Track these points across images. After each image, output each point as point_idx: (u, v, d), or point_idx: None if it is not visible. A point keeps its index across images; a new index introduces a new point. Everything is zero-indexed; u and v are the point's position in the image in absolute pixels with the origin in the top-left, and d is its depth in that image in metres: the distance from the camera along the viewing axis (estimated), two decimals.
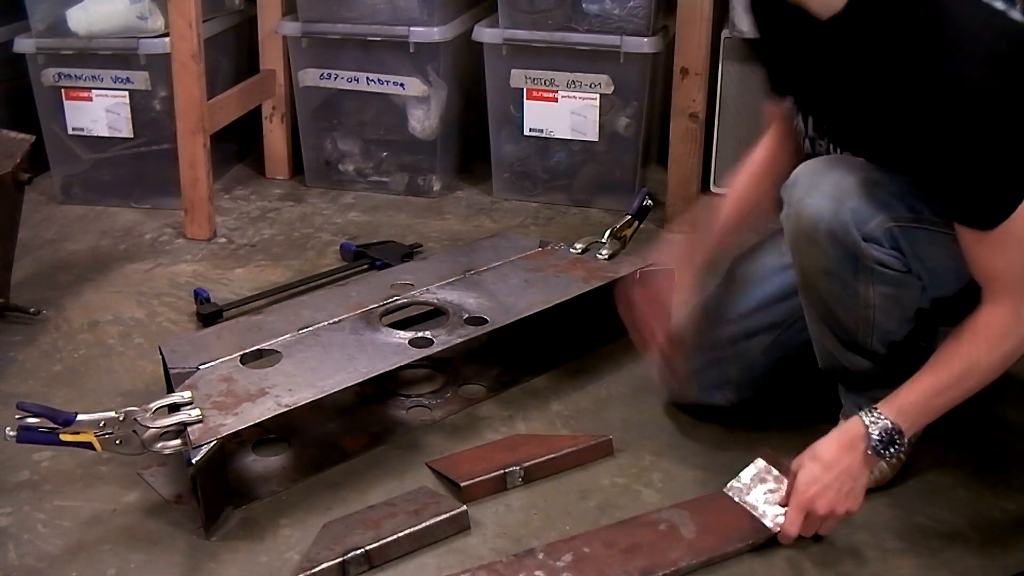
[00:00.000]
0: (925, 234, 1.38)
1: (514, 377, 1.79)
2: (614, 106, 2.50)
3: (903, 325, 1.45)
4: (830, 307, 1.47)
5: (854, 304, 1.43)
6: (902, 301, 1.42)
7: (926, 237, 1.38)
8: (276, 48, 2.74)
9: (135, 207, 2.62)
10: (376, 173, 2.72)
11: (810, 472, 1.36)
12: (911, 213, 1.37)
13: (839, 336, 1.49)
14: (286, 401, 1.46)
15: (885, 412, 1.35)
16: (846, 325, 1.46)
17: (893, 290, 1.40)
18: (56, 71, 2.54)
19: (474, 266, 1.87)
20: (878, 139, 1.39)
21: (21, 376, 1.83)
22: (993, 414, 1.68)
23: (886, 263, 1.38)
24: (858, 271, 1.39)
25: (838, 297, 1.44)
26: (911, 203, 1.37)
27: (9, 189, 1.93)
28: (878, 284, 1.40)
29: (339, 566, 1.32)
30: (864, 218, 1.36)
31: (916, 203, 1.37)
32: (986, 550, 1.38)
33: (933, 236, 1.38)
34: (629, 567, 1.32)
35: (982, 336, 1.34)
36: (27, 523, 1.45)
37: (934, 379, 1.36)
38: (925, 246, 1.39)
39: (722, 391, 1.65)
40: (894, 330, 1.45)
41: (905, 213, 1.37)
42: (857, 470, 1.35)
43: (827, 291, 1.45)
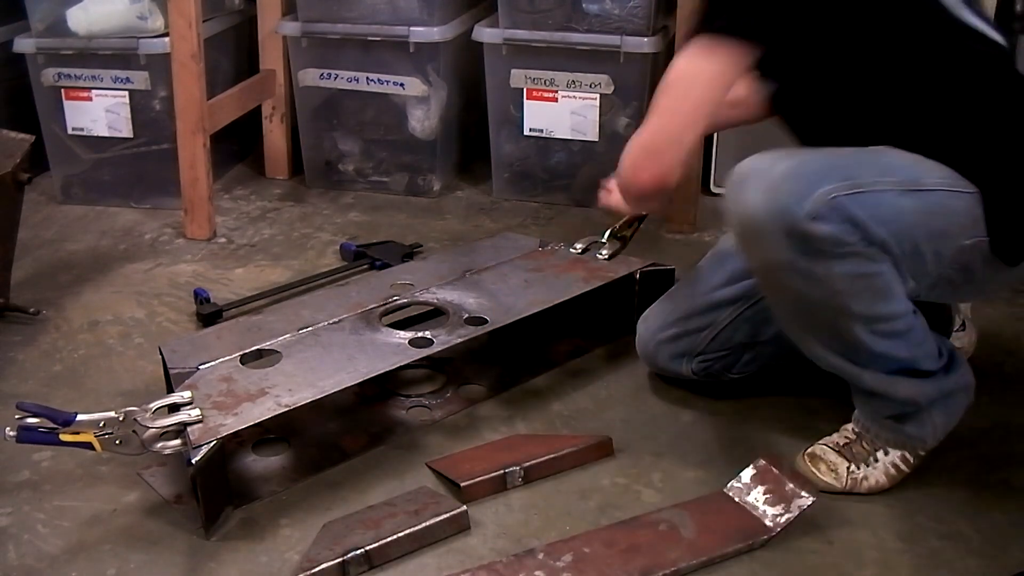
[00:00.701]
0: (871, 197, 1.34)
1: (514, 377, 1.79)
2: (614, 106, 2.50)
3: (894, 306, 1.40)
4: (801, 308, 1.43)
5: (821, 295, 1.38)
6: (873, 281, 1.37)
7: (873, 200, 1.34)
8: (276, 48, 2.74)
9: (135, 207, 2.62)
10: (376, 173, 2.72)
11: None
12: (848, 180, 1.33)
13: (827, 344, 1.45)
14: (286, 401, 1.46)
15: None
16: (824, 324, 1.42)
17: (857, 267, 1.35)
18: (56, 71, 2.54)
19: (474, 266, 1.87)
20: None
21: (21, 376, 1.83)
22: (993, 414, 1.68)
23: (838, 238, 1.32)
24: (812, 255, 1.34)
25: (803, 293, 1.39)
26: (845, 172, 1.34)
27: (9, 189, 1.93)
28: (837, 264, 1.34)
29: (339, 566, 1.32)
30: (802, 195, 1.32)
31: (851, 171, 1.35)
32: (986, 550, 1.38)
33: (880, 197, 1.35)
34: (629, 567, 1.32)
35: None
36: (27, 523, 1.45)
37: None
38: (877, 209, 1.34)
39: (688, 361, 1.69)
40: (883, 316, 1.40)
41: (842, 182, 1.33)
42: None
43: (790, 290, 1.40)
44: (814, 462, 1.51)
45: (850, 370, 1.46)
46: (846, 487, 1.49)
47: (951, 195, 1.39)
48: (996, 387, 1.76)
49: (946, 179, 1.39)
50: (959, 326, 1.78)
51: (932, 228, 1.37)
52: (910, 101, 1.44)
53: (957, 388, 1.50)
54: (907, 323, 1.42)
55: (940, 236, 1.38)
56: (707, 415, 1.68)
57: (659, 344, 1.70)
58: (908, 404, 1.46)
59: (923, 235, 1.37)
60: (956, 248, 1.40)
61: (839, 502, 1.46)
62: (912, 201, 1.36)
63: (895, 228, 1.35)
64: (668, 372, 1.73)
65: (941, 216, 1.38)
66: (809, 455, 1.53)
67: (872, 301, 1.38)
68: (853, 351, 1.43)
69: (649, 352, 1.73)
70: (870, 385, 1.46)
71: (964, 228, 1.39)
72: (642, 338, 1.73)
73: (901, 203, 1.35)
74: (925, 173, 1.39)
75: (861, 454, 1.50)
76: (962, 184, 1.39)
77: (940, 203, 1.38)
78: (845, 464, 1.50)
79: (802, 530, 1.39)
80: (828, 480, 1.49)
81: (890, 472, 1.49)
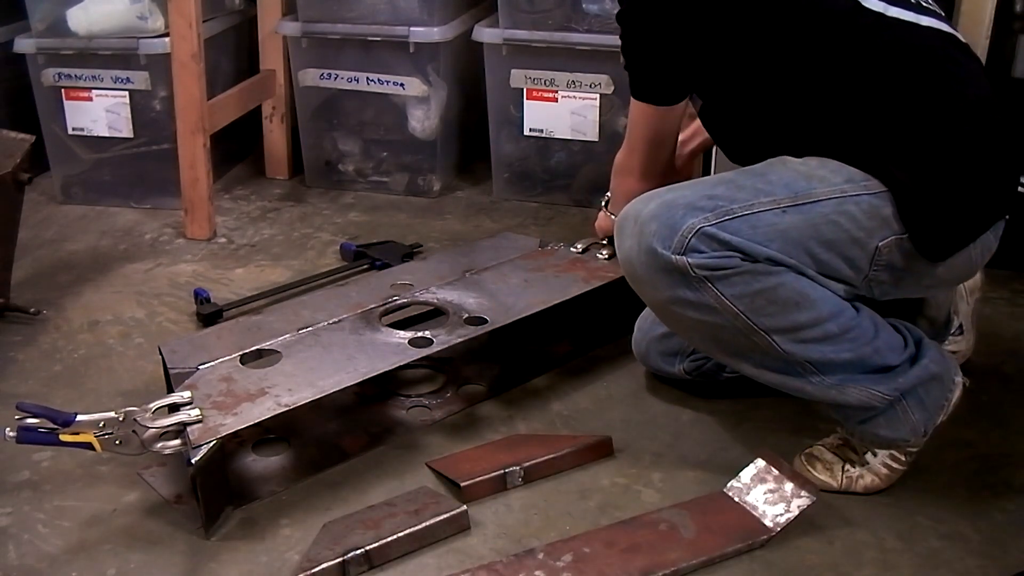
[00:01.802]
0: (745, 220, 1.34)
1: (514, 377, 1.79)
2: (614, 106, 2.50)
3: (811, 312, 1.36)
4: (712, 337, 1.41)
5: (724, 320, 1.36)
6: (775, 293, 1.35)
7: (747, 223, 1.34)
8: (276, 48, 2.74)
9: (135, 207, 2.62)
10: (376, 173, 2.72)
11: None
12: (717, 209, 1.34)
13: (759, 363, 1.43)
14: (286, 401, 1.46)
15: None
16: (745, 346, 1.40)
17: (746, 286, 1.34)
18: (56, 71, 2.54)
19: (474, 266, 1.87)
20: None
21: (21, 376, 1.83)
22: (993, 414, 1.68)
23: (716, 264, 1.32)
24: (695, 287, 1.34)
25: (706, 323, 1.38)
26: (715, 202, 1.34)
27: (9, 189, 1.93)
28: (726, 288, 1.34)
29: (339, 566, 1.32)
30: (666, 234, 1.33)
31: (724, 198, 1.35)
32: (986, 550, 1.38)
33: (756, 218, 1.34)
34: (629, 567, 1.32)
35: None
36: (27, 523, 1.45)
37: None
38: (754, 230, 1.34)
39: (680, 360, 1.69)
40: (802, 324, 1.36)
41: (710, 212, 1.33)
42: None
43: (692, 323, 1.39)
44: (811, 462, 1.51)
45: (791, 384, 1.43)
46: (842, 486, 1.49)
47: (847, 201, 1.36)
48: (996, 387, 1.76)
49: (846, 184, 1.36)
50: (956, 329, 1.77)
51: (827, 238, 1.35)
52: (812, 104, 1.43)
53: (927, 378, 1.44)
54: (841, 324, 1.38)
55: (842, 243, 1.36)
56: (707, 415, 1.68)
57: (650, 344, 1.71)
58: (866, 408, 1.42)
59: (818, 245, 1.36)
60: (871, 250, 1.37)
61: (839, 502, 1.46)
62: (796, 216, 1.34)
63: (779, 245, 1.34)
64: (662, 373, 1.73)
65: (835, 225, 1.35)
66: (806, 455, 1.53)
67: (784, 313, 1.36)
68: (786, 365, 1.40)
69: (642, 353, 1.73)
70: (816, 396, 1.43)
71: (871, 231, 1.36)
72: (636, 339, 1.74)
73: (782, 220, 1.34)
74: (819, 182, 1.36)
75: (854, 455, 1.50)
76: (867, 185, 1.36)
77: (833, 211, 1.35)
78: (840, 464, 1.50)
79: (802, 530, 1.39)
80: (824, 479, 1.49)
81: (882, 471, 1.49)
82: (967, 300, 1.77)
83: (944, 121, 1.39)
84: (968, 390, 1.66)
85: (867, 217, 1.36)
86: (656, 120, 1.59)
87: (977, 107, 1.41)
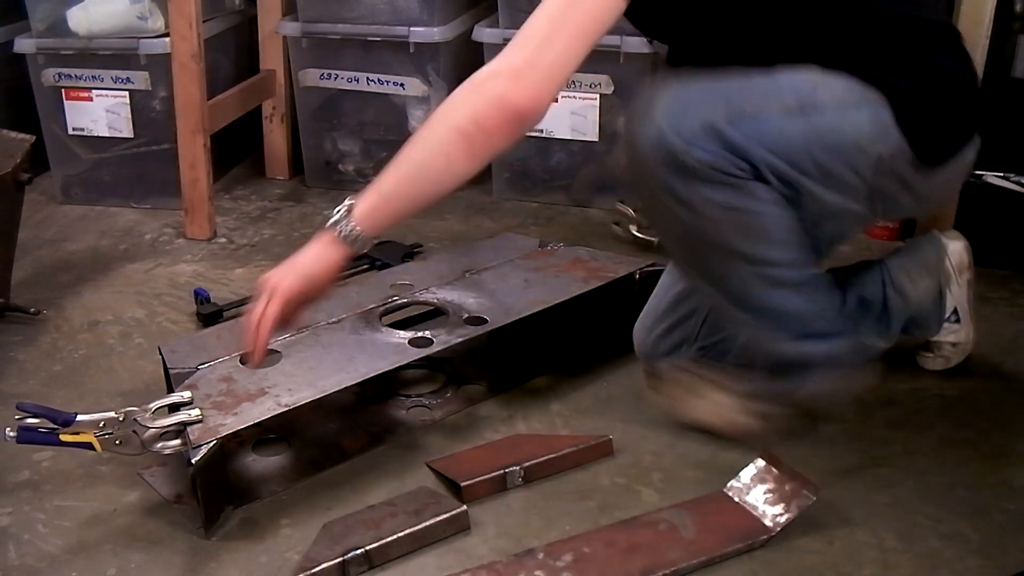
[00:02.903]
0: (753, 122, 1.35)
1: (514, 377, 1.79)
2: (614, 106, 2.50)
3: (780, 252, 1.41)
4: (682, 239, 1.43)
5: (697, 223, 1.37)
6: (747, 218, 1.37)
7: (755, 126, 1.34)
8: (276, 48, 2.74)
9: (135, 207, 2.62)
10: (376, 173, 2.71)
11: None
12: (729, 108, 1.35)
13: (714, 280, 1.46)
14: (286, 401, 1.46)
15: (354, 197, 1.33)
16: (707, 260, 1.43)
17: (733, 199, 1.35)
18: (56, 71, 2.54)
19: (474, 266, 1.87)
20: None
21: (21, 376, 1.83)
22: (993, 414, 1.68)
23: (713, 164, 1.33)
24: (687, 180, 1.34)
25: (682, 221, 1.39)
26: (728, 100, 1.35)
27: (9, 189, 1.93)
28: (710, 191, 1.34)
29: (339, 566, 1.32)
30: (679, 123, 1.33)
31: (735, 98, 1.35)
32: (986, 550, 1.38)
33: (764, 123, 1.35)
34: (629, 567, 1.32)
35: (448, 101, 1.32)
36: (27, 523, 1.45)
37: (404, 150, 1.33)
38: (761, 134, 1.34)
39: (687, 350, 1.69)
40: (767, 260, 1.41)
41: (722, 110, 1.34)
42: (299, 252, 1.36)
43: (672, 217, 1.39)
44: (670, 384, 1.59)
45: (734, 313, 1.48)
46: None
47: (849, 108, 1.38)
48: (996, 387, 1.76)
49: (845, 92, 1.39)
50: (951, 314, 1.77)
51: (830, 144, 1.37)
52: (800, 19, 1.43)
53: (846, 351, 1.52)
54: (795, 276, 1.43)
55: (846, 151, 1.39)
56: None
57: (656, 340, 1.70)
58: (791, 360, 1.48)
59: (823, 153, 1.37)
60: (875, 159, 1.40)
61: (839, 502, 1.46)
62: (801, 122, 1.36)
63: (782, 149, 1.35)
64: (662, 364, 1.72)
65: (839, 132, 1.38)
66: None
67: (747, 239, 1.38)
68: (736, 292, 1.44)
69: (648, 350, 1.72)
70: (752, 332, 1.48)
71: (874, 139, 1.39)
72: (639, 337, 1.73)
73: (788, 125, 1.36)
74: (821, 91, 1.39)
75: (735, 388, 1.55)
76: (866, 94, 1.39)
77: (836, 119, 1.38)
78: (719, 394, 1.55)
79: (802, 530, 1.39)
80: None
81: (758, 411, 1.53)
82: (957, 281, 1.75)
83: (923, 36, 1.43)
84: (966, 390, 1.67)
85: (869, 124, 1.38)
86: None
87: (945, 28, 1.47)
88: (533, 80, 1.30)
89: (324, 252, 1.36)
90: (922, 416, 1.68)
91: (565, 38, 1.31)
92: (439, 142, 1.32)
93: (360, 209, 1.35)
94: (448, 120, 1.31)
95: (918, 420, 1.67)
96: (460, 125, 1.30)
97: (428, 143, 1.33)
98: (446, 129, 1.31)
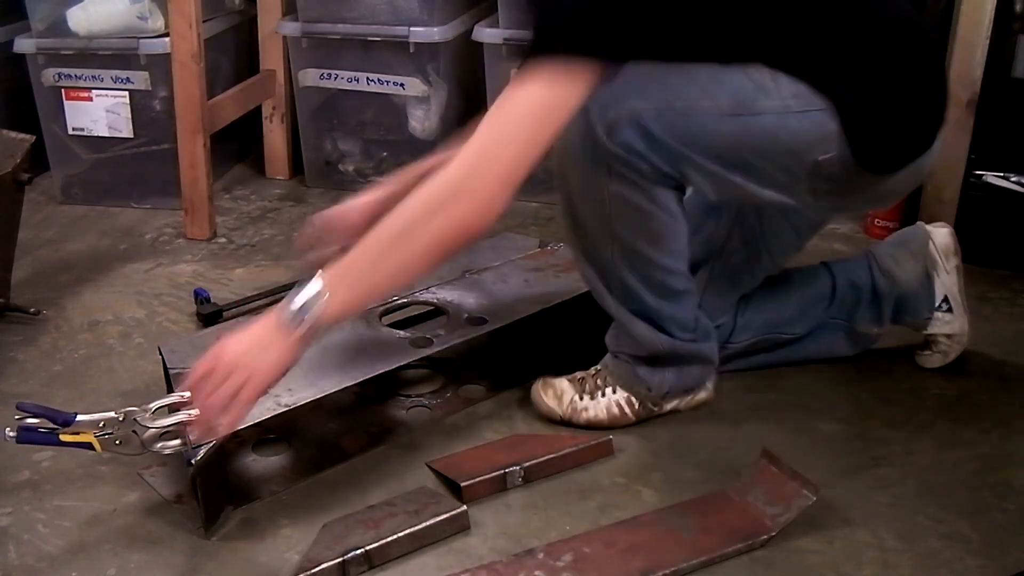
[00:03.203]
0: (683, 119, 1.38)
1: (514, 377, 1.79)
2: None
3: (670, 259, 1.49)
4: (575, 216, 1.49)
5: (595, 208, 1.44)
6: (644, 216, 1.43)
7: (683, 123, 1.38)
8: (276, 48, 2.74)
9: (135, 207, 2.63)
10: (376, 173, 2.72)
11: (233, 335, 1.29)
12: (662, 101, 1.38)
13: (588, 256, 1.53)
14: (286, 401, 1.46)
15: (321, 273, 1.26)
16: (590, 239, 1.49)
17: (631, 195, 1.41)
18: (56, 71, 2.54)
19: (474, 266, 1.87)
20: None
21: (21, 376, 1.83)
22: (993, 414, 1.68)
23: (624, 160, 1.38)
24: (595, 166, 1.40)
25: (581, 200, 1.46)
26: (663, 93, 1.38)
27: (9, 189, 1.93)
28: (614, 184, 1.41)
29: (339, 566, 1.32)
30: (606, 107, 1.37)
31: (671, 92, 1.38)
32: (986, 550, 1.38)
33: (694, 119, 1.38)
34: (629, 567, 1.32)
35: (422, 192, 1.25)
36: (27, 523, 1.45)
37: (373, 236, 1.26)
38: (687, 130, 1.39)
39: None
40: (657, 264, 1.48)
41: (655, 102, 1.38)
42: (268, 336, 1.26)
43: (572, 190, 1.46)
44: (545, 389, 1.63)
45: (599, 288, 1.55)
46: (565, 414, 1.61)
47: (790, 116, 1.41)
48: (996, 387, 1.76)
49: (793, 99, 1.41)
50: (942, 302, 1.76)
51: (761, 148, 1.41)
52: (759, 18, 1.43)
53: (695, 356, 1.61)
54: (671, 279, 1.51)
55: (778, 155, 1.42)
56: (707, 415, 1.68)
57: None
58: (640, 347, 1.56)
59: (752, 154, 1.42)
60: (811, 164, 1.43)
61: (839, 502, 1.45)
62: (732, 125, 1.40)
63: (705, 147, 1.40)
64: None
65: (772, 138, 1.41)
66: (543, 382, 1.64)
67: (639, 236, 1.46)
68: (607, 273, 1.52)
69: None
70: (612, 311, 1.56)
71: (812, 145, 1.42)
72: None
73: (717, 126, 1.39)
74: (766, 95, 1.41)
75: (591, 387, 1.60)
76: (814, 101, 1.41)
77: (773, 125, 1.41)
78: (572, 394, 1.60)
79: (802, 530, 1.39)
80: (551, 405, 1.61)
81: (612, 409, 1.60)
82: (945, 267, 1.76)
83: (880, 40, 1.44)
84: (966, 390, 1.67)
85: (809, 133, 1.42)
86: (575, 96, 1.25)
87: (906, 27, 1.47)
88: (495, 204, 1.26)
89: (295, 349, 1.27)
90: (922, 416, 1.68)
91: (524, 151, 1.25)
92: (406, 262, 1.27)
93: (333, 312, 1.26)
94: (413, 243, 1.26)
95: (918, 420, 1.67)
96: (428, 248, 1.26)
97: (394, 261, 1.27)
98: (411, 253, 1.27)
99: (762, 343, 1.75)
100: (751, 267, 1.69)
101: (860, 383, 1.77)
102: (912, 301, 1.74)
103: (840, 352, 1.79)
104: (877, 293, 1.73)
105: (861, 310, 1.74)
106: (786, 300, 1.75)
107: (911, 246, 1.75)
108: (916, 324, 1.77)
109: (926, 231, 1.76)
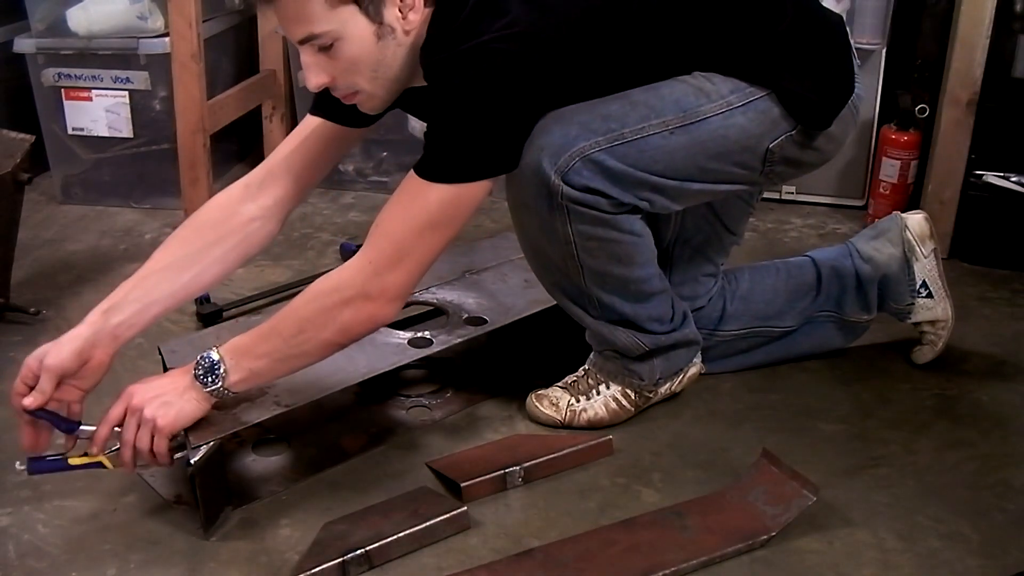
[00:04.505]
0: (634, 144, 1.41)
1: (514, 377, 1.79)
2: None
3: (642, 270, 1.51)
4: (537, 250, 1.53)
5: (557, 244, 1.47)
6: (609, 245, 1.46)
7: (636, 148, 1.41)
8: (276, 48, 2.74)
9: (135, 207, 2.62)
10: (376, 173, 2.72)
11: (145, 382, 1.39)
12: (610, 132, 1.41)
13: (558, 283, 1.56)
14: (286, 401, 1.46)
15: (221, 346, 1.37)
16: (556, 268, 1.52)
17: (593, 229, 1.44)
18: (56, 71, 2.54)
19: (474, 266, 1.88)
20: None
21: None
22: (993, 414, 1.68)
23: (580, 201, 1.41)
24: (553, 211, 1.43)
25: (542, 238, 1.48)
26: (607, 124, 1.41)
27: (9, 189, 1.93)
28: (575, 223, 1.44)
29: (339, 566, 1.32)
30: (555, 152, 1.40)
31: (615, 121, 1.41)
32: (986, 550, 1.38)
33: (645, 142, 1.42)
34: (629, 567, 1.32)
35: (315, 288, 1.35)
36: (27, 523, 1.45)
37: (269, 324, 1.37)
38: (641, 154, 1.42)
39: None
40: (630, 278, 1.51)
41: (602, 136, 1.40)
42: (179, 388, 1.36)
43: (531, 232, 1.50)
44: (539, 400, 1.63)
45: (574, 310, 1.58)
46: (565, 420, 1.61)
47: (735, 112, 1.45)
48: (996, 387, 1.76)
49: (732, 94, 1.46)
50: (921, 287, 1.76)
51: (715, 151, 1.46)
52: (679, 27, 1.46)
53: (679, 342, 1.63)
54: (643, 288, 1.54)
55: (732, 152, 1.47)
56: (706, 415, 1.68)
57: None
58: (630, 350, 1.59)
59: (707, 159, 1.46)
60: (762, 152, 1.49)
61: (839, 502, 1.46)
62: (683, 136, 1.43)
63: (665, 166, 1.44)
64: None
65: (723, 138, 1.46)
66: (536, 395, 1.64)
67: (606, 262, 1.49)
68: (580, 294, 1.55)
69: None
70: (591, 326, 1.59)
71: (761, 135, 1.48)
72: None
73: (669, 142, 1.43)
74: (707, 98, 1.45)
75: (584, 388, 1.62)
76: (752, 91, 1.46)
77: (720, 127, 1.45)
78: (567, 398, 1.62)
79: (802, 530, 1.39)
80: (549, 414, 1.62)
81: (610, 405, 1.61)
82: (922, 251, 1.77)
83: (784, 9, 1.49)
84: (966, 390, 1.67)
85: (756, 124, 1.47)
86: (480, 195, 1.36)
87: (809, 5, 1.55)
88: (399, 296, 1.36)
89: (201, 404, 1.37)
90: (922, 416, 1.68)
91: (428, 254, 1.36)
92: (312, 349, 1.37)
93: (235, 381, 1.36)
94: (320, 334, 1.35)
95: (918, 420, 1.67)
96: (330, 339, 1.36)
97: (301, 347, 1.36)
98: (317, 344, 1.36)
99: (754, 336, 1.76)
100: (711, 243, 1.73)
101: (860, 383, 1.77)
102: (893, 286, 1.76)
103: (834, 344, 1.81)
104: (861, 280, 1.76)
105: (848, 298, 1.77)
106: (773, 292, 1.77)
107: (888, 233, 1.79)
108: (900, 311, 1.78)
109: (901, 218, 1.79)
